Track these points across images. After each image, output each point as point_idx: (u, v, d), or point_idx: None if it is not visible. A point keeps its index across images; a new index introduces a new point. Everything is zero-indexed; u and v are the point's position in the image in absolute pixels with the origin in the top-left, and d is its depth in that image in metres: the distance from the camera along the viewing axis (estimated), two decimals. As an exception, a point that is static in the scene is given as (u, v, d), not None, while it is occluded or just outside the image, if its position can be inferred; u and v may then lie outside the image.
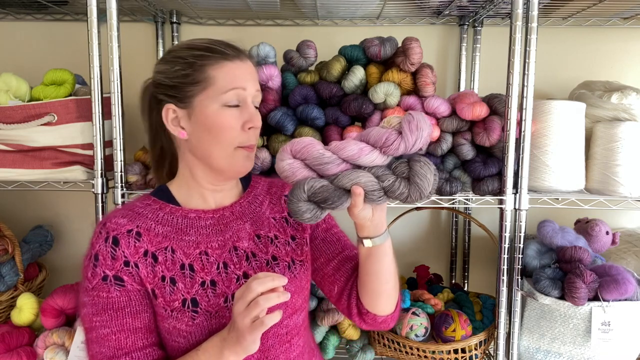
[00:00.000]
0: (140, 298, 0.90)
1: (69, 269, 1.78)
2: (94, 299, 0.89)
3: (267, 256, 0.98)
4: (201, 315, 0.90)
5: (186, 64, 0.92)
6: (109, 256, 0.89)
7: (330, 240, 1.06)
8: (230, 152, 0.93)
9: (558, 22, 1.66)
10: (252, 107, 0.94)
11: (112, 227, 0.91)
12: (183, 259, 0.92)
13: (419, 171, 0.83)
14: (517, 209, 1.31)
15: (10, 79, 1.35)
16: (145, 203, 0.97)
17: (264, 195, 1.05)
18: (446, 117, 1.33)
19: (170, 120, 0.94)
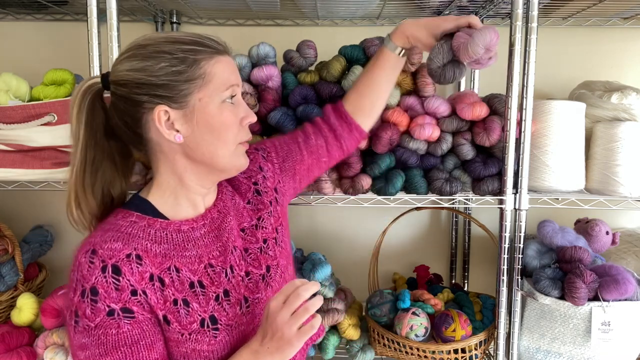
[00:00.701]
0: (152, 327, 0.83)
1: (69, 269, 1.77)
2: (100, 337, 0.79)
3: (259, 244, 0.98)
4: (223, 331, 0.87)
5: (176, 60, 0.82)
6: (111, 288, 0.79)
7: (288, 149, 1.09)
8: (232, 150, 0.89)
9: (558, 22, 1.66)
10: (244, 102, 0.92)
11: (107, 254, 0.81)
12: (190, 276, 0.87)
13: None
14: (517, 209, 1.31)
15: (10, 79, 1.35)
16: (129, 221, 0.86)
17: (226, 184, 1.02)
18: (446, 117, 1.33)
19: (163, 124, 0.84)
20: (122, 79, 0.84)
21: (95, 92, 0.88)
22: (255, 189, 1.03)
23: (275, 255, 0.99)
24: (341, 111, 1.16)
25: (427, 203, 1.37)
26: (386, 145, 1.31)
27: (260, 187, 1.03)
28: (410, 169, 1.34)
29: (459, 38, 1.03)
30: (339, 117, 1.15)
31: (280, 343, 0.80)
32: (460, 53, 1.03)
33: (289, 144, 1.11)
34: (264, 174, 1.05)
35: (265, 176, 1.05)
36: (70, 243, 1.78)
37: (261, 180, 1.04)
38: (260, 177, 1.04)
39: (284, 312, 0.80)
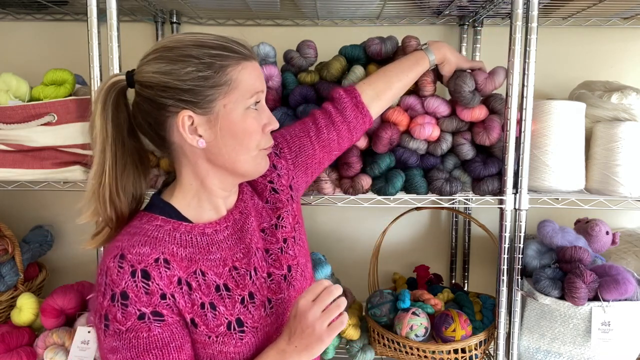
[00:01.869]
0: (181, 330, 0.84)
1: (69, 269, 1.78)
2: (132, 341, 0.80)
3: (279, 244, 0.98)
4: (249, 334, 0.88)
5: (203, 65, 0.82)
6: (142, 292, 0.80)
7: (300, 143, 1.08)
8: (254, 155, 0.89)
9: (558, 22, 1.66)
10: (267, 109, 0.91)
11: (136, 259, 0.81)
12: (216, 279, 0.87)
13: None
14: (517, 209, 1.31)
15: (10, 79, 1.35)
16: (154, 225, 0.87)
17: (246, 185, 1.03)
18: (446, 117, 1.33)
19: (187, 129, 0.84)
20: (148, 80, 0.84)
21: (119, 89, 0.88)
22: (271, 187, 1.03)
23: (295, 255, 1.00)
24: (358, 101, 1.14)
25: (427, 203, 1.37)
26: (386, 145, 1.31)
27: (276, 185, 1.03)
28: (410, 169, 1.34)
29: (480, 74, 1.30)
30: (355, 107, 1.14)
31: (310, 340, 0.82)
32: (486, 84, 1.29)
33: (301, 138, 1.10)
34: (278, 171, 1.04)
35: (280, 174, 1.04)
36: (70, 243, 1.78)
37: (276, 178, 1.04)
38: (275, 176, 1.04)
39: (315, 308, 0.82)
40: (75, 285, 1.54)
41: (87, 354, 1.37)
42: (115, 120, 0.87)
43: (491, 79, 1.31)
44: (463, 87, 1.26)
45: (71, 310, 1.47)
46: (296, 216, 1.05)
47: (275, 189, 1.03)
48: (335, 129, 1.12)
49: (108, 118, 0.86)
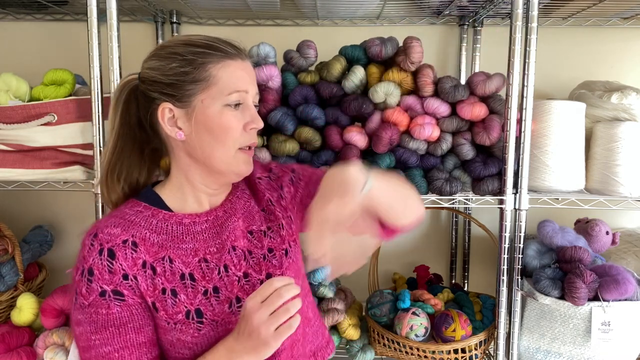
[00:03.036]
0: (142, 312, 0.87)
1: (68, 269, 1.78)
2: (92, 316, 0.84)
3: (263, 250, 0.96)
4: (207, 326, 0.88)
5: (185, 61, 0.87)
6: (105, 270, 0.85)
7: (314, 186, 1.00)
8: (232, 154, 0.90)
9: (558, 22, 1.66)
10: (253, 108, 0.91)
11: (105, 239, 0.86)
12: (182, 268, 0.89)
13: None
14: (517, 209, 1.31)
15: (10, 79, 1.35)
16: (135, 210, 0.91)
17: (245, 187, 1.02)
18: (446, 117, 1.33)
19: (166, 120, 0.89)
20: (143, 76, 0.91)
21: (132, 86, 0.94)
22: (269, 200, 1.01)
23: (281, 266, 0.96)
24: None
25: (427, 203, 1.37)
26: (386, 145, 1.31)
27: (274, 203, 1.01)
28: (410, 169, 1.34)
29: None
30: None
31: (257, 343, 0.80)
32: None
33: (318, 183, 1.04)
34: (283, 193, 1.02)
35: (283, 196, 1.02)
36: (70, 243, 1.78)
37: (276, 197, 1.02)
38: (276, 195, 1.02)
39: (262, 311, 0.79)
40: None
41: (87, 354, 1.37)
42: (124, 114, 0.93)
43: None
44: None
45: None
46: (293, 235, 1.02)
47: (272, 202, 1.01)
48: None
49: (118, 112, 0.93)
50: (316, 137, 1.34)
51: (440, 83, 1.32)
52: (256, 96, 0.94)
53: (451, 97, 1.31)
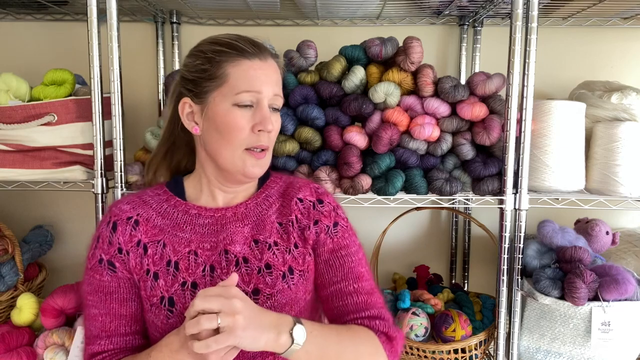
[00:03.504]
0: (129, 286, 0.92)
1: (69, 269, 1.78)
2: (90, 278, 0.93)
3: (261, 263, 0.92)
4: (175, 316, 0.89)
5: (205, 59, 0.90)
6: (106, 240, 0.92)
7: (332, 264, 0.95)
8: (238, 154, 0.90)
9: (558, 22, 1.66)
10: (265, 110, 0.90)
11: (115, 212, 0.94)
12: (171, 255, 0.92)
13: None
14: (517, 209, 1.31)
15: (10, 79, 1.35)
16: (155, 192, 0.98)
17: (275, 197, 0.99)
18: (446, 117, 1.33)
19: (185, 114, 0.94)
20: (180, 72, 0.97)
21: (176, 83, 0.99)
22: (294, 220, 0.96)
23: (274, 285, 0.91)
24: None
25: (427, 203, 1.37)
26: (386, 145, 1.31)
27: (296, 226, 0.96)
28: (410, 169, 1.34)
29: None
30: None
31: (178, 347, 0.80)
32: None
33: (337, 269, 0.96)
34: (313, 228, 0.95)
35: (310, 229, 0.95)
36: (70, 243, 1.78)
37: (304, 224, 0.95)
38: (305, 223, 0.95)
39: (190, 324, 0.74)
40: (75, 285, 1.54)
41: (87, 354, 1.37)
42: (174, 108, 0.99)
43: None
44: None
45: (71, 310, 1.47)
46: (302, 266, 0.95)
47: (294, 224, 0.95)
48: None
49: (171, 103, 1.00)
50: (316, 137, 1.34)
51: (440, 83, 1.32)
52: (275, 98, 0.92)
53: (451, 97, 1.31)
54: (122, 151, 1.30)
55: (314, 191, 0.99)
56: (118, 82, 1.28)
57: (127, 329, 0.92)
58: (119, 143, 1.30)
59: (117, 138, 1.29)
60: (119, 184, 1.31)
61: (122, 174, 1.31)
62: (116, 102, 1.28)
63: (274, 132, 0.94)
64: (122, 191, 1.32)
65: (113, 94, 1.28)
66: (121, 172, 1.31)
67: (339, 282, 0.95)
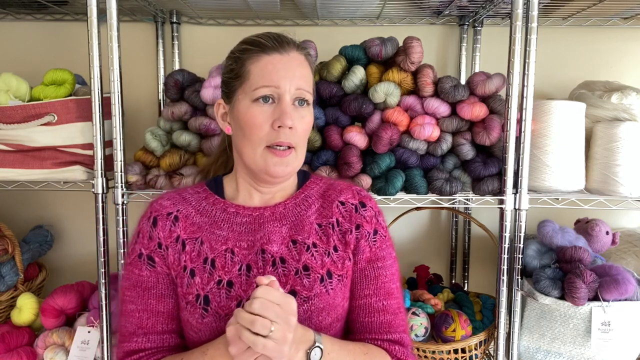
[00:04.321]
0: (168, 282, 0.91)
1: (69, 269, 1.78)
2: (129, 273, 0.92)
3: (298, 265, 0.90)
4: (210, 315, 0.87)
5: (233, 59, 0.92)
6: (147, 235, 0.92)
7: (366, 275, 0.94)
8: (259, 152, 0.88)
9: (558, 22, 1.66)
10: (285, 104, 0.87)
11: (155, 208, 0.94)
12: (208, 252, 0.91)
13: None
14: (517, 209, 1.31)
15: (10, 79, 1.35)
16: (195, 190, 0.98)
17: (315, 198, 0.96)
18: (446, 117, 1.33)
19: (220, 115, 0.96)
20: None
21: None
22: (335, 223, 0.94)
23: (311, 288, 0.89)
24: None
25: (427, 203, 1.37)
26: (386, 145, 1.31)
27: (337, 228, 0.94)
28: (410, 169, 1.34)
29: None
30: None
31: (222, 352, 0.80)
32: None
33: (370, 281, 0.95)
34: (354, 232, 0.93)
35: (352, 233, 0.93)
36: (70, 243, 1.78)
37: (345, 228, 0.94)
38: (347, 227, 0.93)
39: (237, 328, 0.75)
40: (75, 285, 1.54)
41: (87, 354, 1.37)
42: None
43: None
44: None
45: (71, 310, 1.47)
46: (341, 270, 0.93)
47: (335, 227, 0.93)
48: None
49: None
50: (316, 137, 1.34)
51: (440, 83, 1.32)
52: (299, 91, 0.89)
53: (451, 97, 1.31)
54: (122, 151, 1.30)
55: (356, 193, 0.97)
56: (118, 82, 1.28)
57: (164, 326, 0.91)
58: (119, 143, 1.30)
59: (117, 138, 1.29)
60: (119, 184, 1.31)
61: (122, 174, 1.31)
62: (116, 102, 1.28)
63: (300, 129, 0.89)
64: (122, 191, 1.32)
65: (113, 94, 1.28)
66: (121, 172, 1.31)
67: (370, 297, 0.93)
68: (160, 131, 1.40)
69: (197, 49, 1.71)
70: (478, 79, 1.33)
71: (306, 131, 0.92)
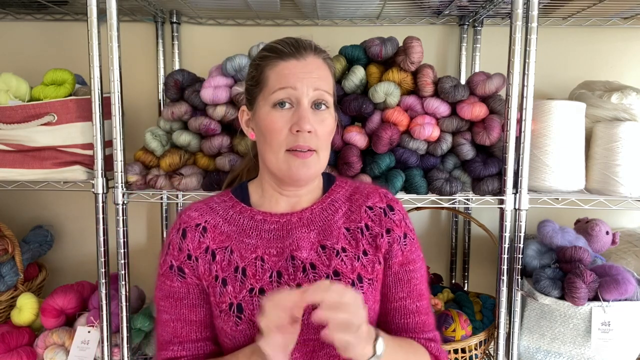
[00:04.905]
0: (199, 292, 0.93)
1: (69, 269, 1.78)
2: (161, 284, 0.94)
3: (329, 270, 0.91)
4: (244, 323, 0.88)
5: (253, 66, 0.95)
6: (176, 247, 0.93)
7: (400, 278, 0.95)
8: (281, 157, 0.89)
9: (558, 22, 1.66)
10: (302, 108, 0.88)
11: (184, 220, 0.95)
12: (238, 261, 0.92)
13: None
14: (517, 209, 1.31)
15: (10, 79, 1.35)
16: (222, 199, 0.98)
17: (342, 202, 0.97)
18: (446, 117, 1.33)
19: (244, 122, 0.98)
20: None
21: None
22: (363, 227, 0.95)
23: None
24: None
25: (427, 203, 1.37)
26: (386, 145, 1.31)
27: (366, 233, 0.94)
28: (410, 169, 1.34)
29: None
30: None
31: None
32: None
33: (404, 284, 0.96)
34: (385, 236, 0.94)
35: (383, 237, 0.94)
36: (70, 243, 1.78)
37: (375, 232, 0.94)
38: (377, 230, 0.94)
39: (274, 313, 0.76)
40: (75, 285, 1.54)
41: (87, 354, 1.37)
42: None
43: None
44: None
45: (71, 310, 1.47)
46: (371, 274, 0.94)
47: (364, 231, 0.94)
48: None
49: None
50: (316, 137, 1.34)
51: (440, 83, 1.32)
52: (318, 93, 0.90)
53: (451, 97, 1.31)
54: (122, 151, 1.30)
55: (383, 196, 0.98)
56: (118, 82, 1.28)
57: (198, 335, 0.93)
58: (119, 143, 1.30)
59: (117, 138, 1.29)
60: (119, 184, 1.31)
61: (122, 174, 1.31)
62: (116, 102, 1.28)
63: (320, 132, 0.90)
64: (122, 191, 1.32)
65: (113, 94, 1.28)
66: (121, 172, 1.31)
67: (404, 299, 0.95)
68: (160, 131, 1.40)
69: (197, 49, 1.71)
70: (478, 79, 1.33)
71: (328, 134, 0.93)
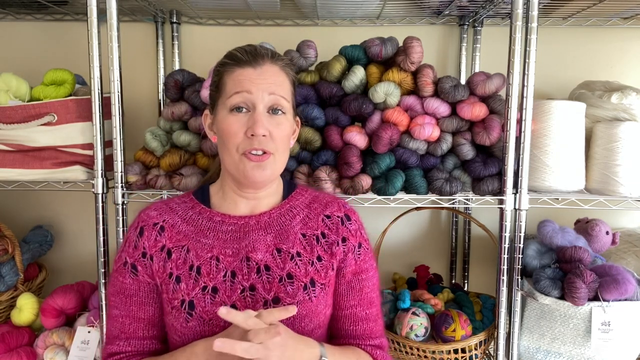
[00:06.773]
0: (149, 291, 0.95)
1: (69, 269, 1.78)
2: (114, 280, 0.96)
3: (283, 272, 0.93)
4: (195, 320, 0.91)
5: (215, 72, 0.98)
6: (132, 244, 0.95)
7: (352, 286, 0.99)
8: (236, 159, 0.92)
9: (558, 22, 1.66)
10: (257, 113, 0.91)
11: (143, 218, 0.97)
12: (194, 260, 0.94)
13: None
14: (517, 209, 1.31)
15: (10, 79, 1.35)
16: (182, 200, 1.01)
17: (300, 209, 1.00)
18: (446, 117, 1.33)
19: (207, 125, 1.00)
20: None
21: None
22: (319, 235, 0.98)
23: (294, 296, 0.93)
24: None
25: (427, 203, 1.37)
26: (386, 145, 1.31)
27: (322, 240, 0.97)
28: (410, 169, 1.34)
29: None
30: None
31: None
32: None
33: (355, 292, 1.00)
34: (340, 245, 0.98)
35: (339, 245, 0.98)
36: (70, 243, 1.78)
37: (331, 240, 0.97)
38: (333, 238, 0.98)
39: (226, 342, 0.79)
40: (75, 285, 1.54)
41: (87, 354, 1.37)
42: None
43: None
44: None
45: (71, 310, 1.47)
46: (324, 279, 0.96)
47: (320, 238, 0.97)
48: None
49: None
50: (316, 137, 1.34)
51: (440, 83, 1.32)
52: (273, 98, 0.92)
53: (451, 97, 1.31)
54: (122, 151, 1.30)
55: (342, 206, 1.02)
56: (118, 82, 1.28)
57: (145, 332, 0.95)
58: (119, 143, 1.30)
59: (117, 138, 1.29)
60: (119, 184, 1.31)
61: (122, 174, 1.31)
62: (116, 102, 1.28)
63: (276, 136, 0.92)
64: (122, 191, 1.32)
65: (113, 94, 1.28)
66: (121, 172, 1.31)
67: (354, 307, 1.00)
68: (160, 131, 1.40)
69: (197, 49, 1.71)
70: (478, 79, 1.33)
71: (284, 137, 0.95)
